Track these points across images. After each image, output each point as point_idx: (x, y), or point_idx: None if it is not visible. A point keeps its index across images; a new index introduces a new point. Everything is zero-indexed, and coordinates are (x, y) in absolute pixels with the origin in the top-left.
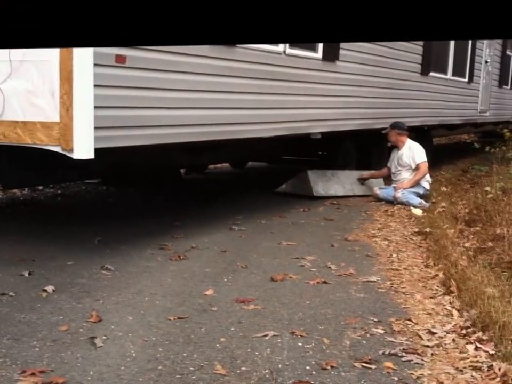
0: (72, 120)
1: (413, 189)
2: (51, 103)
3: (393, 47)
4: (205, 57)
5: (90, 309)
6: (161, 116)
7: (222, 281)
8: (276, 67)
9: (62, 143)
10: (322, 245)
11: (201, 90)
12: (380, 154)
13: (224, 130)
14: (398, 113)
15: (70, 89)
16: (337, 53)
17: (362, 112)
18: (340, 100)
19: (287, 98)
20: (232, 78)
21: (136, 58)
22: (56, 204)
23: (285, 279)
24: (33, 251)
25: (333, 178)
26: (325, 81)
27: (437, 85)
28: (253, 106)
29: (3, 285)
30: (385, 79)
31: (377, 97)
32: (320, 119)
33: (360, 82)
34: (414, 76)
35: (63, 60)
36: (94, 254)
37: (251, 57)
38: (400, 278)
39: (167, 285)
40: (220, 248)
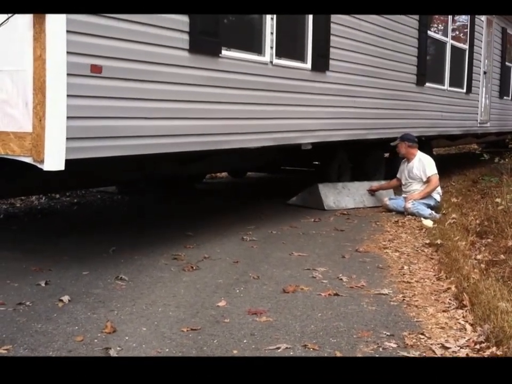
0: (45, 131)
1: (423, 200)
2: (25, 113)
3: (386, 57)
4: (185, 67)
5: (105, 319)
6: (139, 126)
7: (234, 293)
8: (262, 77)
9: (33, 154)
10: (333, 256)
11: (182, 101)
12: (376, 165)
13: (206, 140)
14: (393, 124)
15: (43, 99)
16: (327, 63)
17: (355, 123)
18: (330, 110)
19: (275, 109)
20: (215, 88)
21: (113, 68)
22: (72, 212)
23: (296, 291)
24: (50, 260)
25: (343, 190)
26: (315, 92)
27: (433, 96)
28: (237, 117)
29: (20, 294)
30: (378, 90)
31: (371, 108)
32: (310, 129)
33: (351, 93)
34: (409, 87)
35: (36, 69)
36: (108, 263)
37: (235, 67)
38: (412, 290)
39: (180, 295)
40: (231, 258)
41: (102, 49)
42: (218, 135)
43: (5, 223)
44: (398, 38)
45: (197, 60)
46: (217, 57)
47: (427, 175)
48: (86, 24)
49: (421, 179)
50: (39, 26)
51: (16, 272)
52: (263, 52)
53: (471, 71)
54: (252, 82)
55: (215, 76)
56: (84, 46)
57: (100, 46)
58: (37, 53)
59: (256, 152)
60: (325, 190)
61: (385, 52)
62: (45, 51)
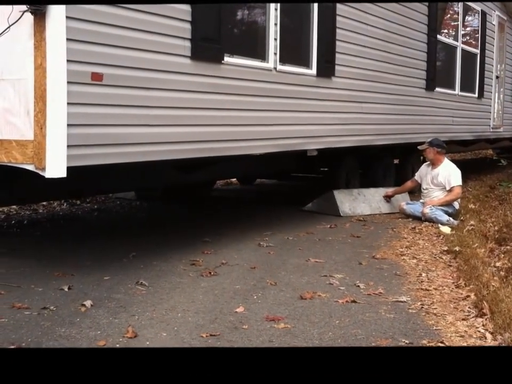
0: (46, 138)
1: (442, 207)
2: (26, 121)
3: (394, 63)
4: (188, 74)
5: (126, 324)
6: (141, 133)
7: (252, 299)
8: (266, 83)
9: (35, 161)
10: (350, 263)
11: (184, 108)
12: (385, 171)
13: (210, 147)
14: (402, 129)
15: (44, 107)
16: (333, 69)
17: (362, 129)
18: (336, 116)
19: (279, 115)
20: (218, 94)
21: (114, 75)
22: (92, 218)
23: (314, 298)
24: (72, 265)
25: (359, 197)
26: (320, 98)
27: (444, 101)
28: (241, 123)
29: (44, 299)
30: (386, 95)
31: (379, 113)
32: (316, 135)
33: (358, 98)
34: (418, 92)
35: (37, 78)
36: (129, 269)
37: (238, 73)
38: (431, 298)
39: (199, 301)
40: (249, 264)
41: (103, 56)
42: (221, 142)
43: (29, 229)
44: (406, 42)
45: (199, 67)
46: (220, 64)
47: (451, 184)
48: (86, 32)
49: (444, 187)
50: (40, 35)
51: (40, 277)
52: (266, 58)
53: (482, 75)
54: (255, 88)
55: (217, 83)
56: (85, 53)
57: (101, 54)
58: (38, 62)
59: (261, 158)
60: (340, 197)
61: (393, 57)
62: (45, 59)
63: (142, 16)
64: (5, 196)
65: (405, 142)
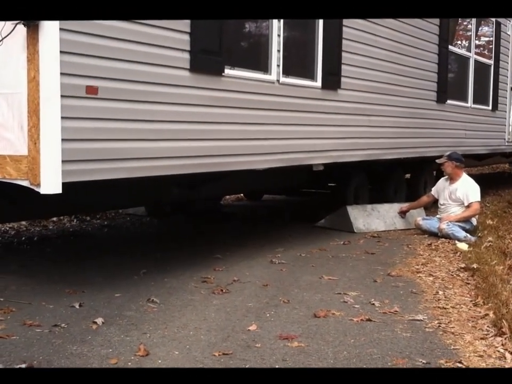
0: (40, 154)
1: (459, 223)
2: (20, 136)
3: (404, 74)
4: (187, 87)
5: (138, 342)
6: (138, 148)
7: (264, 317)
8: (269, 96)
9: (30, 177)
10: (365, 280)
11: (184, 121)
12: (396, 186)
13: (211, 162)
14: (413, 143)
15: (37, 121)
16: (339, 81)
17: (371, 142)
18: (343, 130)
19: (283, 129)
20: (219, 108)
21: (110, 89)
22: (103, 235)
23: (328, 316)
24: (83, 282)
25: (373, 213)
26: (326, 111)
27: (456, 113)
28: (243, 137)
29: (56, 316)
30: (396, 108)
31: (388, 127)
32: (322, 149)
33: (366, 111)
34: (429, 104)
35: (31, 91)
36: (139, 286)
37: (239, 86)
38: (448, 317)
39: (211, 319)
40: (261, 282)
41: (98, 69)
42: (222, 157)
43: (40, 245)
44: (417, 53)
45: (199, 80)
46: (220, 76)
47: (470, 200)
48: (81, 44)
49: (462, 203)
50: (33, 47)
51: (51, 294)
52: (269, 70)
53: (497, 87)
54: (257, 101)
55: (218, 96)
56: (79, 66)
57: (96, 67)
58: (31, 75)
59: (266, 173)
60: (354, 213)
61: (402, 68)
62: (39, 73)
63: (139, 27)
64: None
65: (416, 156)
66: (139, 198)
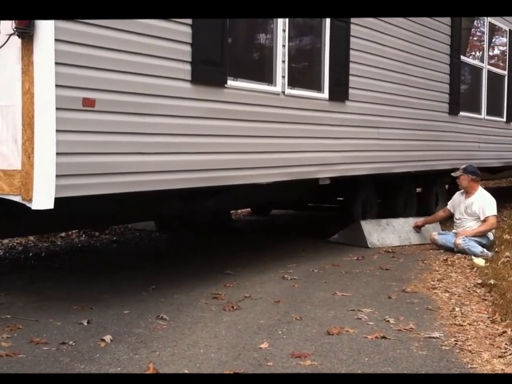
0: (33, 168)
1: (475, 237)
2: (14, 150)
3: (414, 85)
4: (188, 99)
5: (147, 360)
6: (137, 162)
7: (276, 334)
8: (274, 108)
9: (22, 192)
10: (379, 297)
11: (185, 134)
12: (407, 200)
13: (214, 176)
14: (424, 156)
15: (32, 135)
16: (347, 93)
17: (380, 155)
18: (351, 143)
19: (288, 141)
20: (222, 120)
21: (108, 101)
22: (111, 250)
23: (341, 333)
24: (91, 299)
25: (387, 227)
26: (333, 123)
27: (469, 125)
28: (247, 150)
29: (63, 334)
30: (406, 120)
31: (398, 139)
32: (328, 163)
33: (375, 123)
34: (440, 116)
35: (25, 104)
36: (148, 302)
37: (243, 98)
38: (465, 334)
39: (221, 336)
40: (273, 298)
41: (95, 81)
42: (225, 170)
43: (47, 261)
44: (427, 64)
45: (200, 91)
46: (223, 88)
47: (486, 214)
48: (77, 55)
49: (478, 217)
50: (27, 58)
51: (59, 311)
52: (274, 82)
53: (511, 98)
54: (261, 113)
55: (220, 108)
56: (75, 78)
57: (93, 78)
58: (26, 87)
59: (271, 187)
60: (368, 227)
61: (413, 79)
62: (33, 84)
63: (138, 38)
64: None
65: (427, 170)
66: (140, 212)
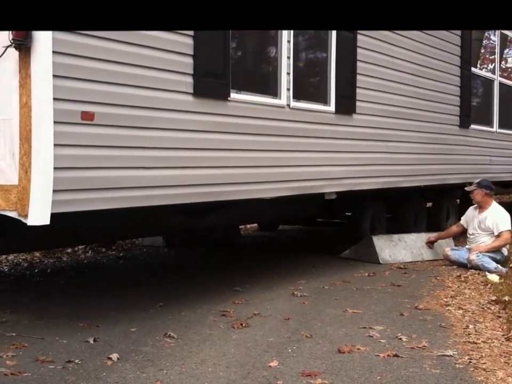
0: (30, 183)
1: (489, 253)
2: (12, 164)
3: (424, 98)
4: (190, 112)
5: (155, 379)
6: (138, 176)
7: (286, 352)
8: (279, 121)
9: (18, 208)
10: (391, 314)
11: (186, 148)
12: (416, 215)
13: (216, 191)
14: (434, 170)
15: (29, 149)
16: (354, 105)
17: (388, 169)
18: (358, 156)
19: (293, 155)
20: (225, 134)
21: (107, 114)
22: (118, 266)
23: (352, 351)
24: (97, 316)
25: (399, 243)
26: (339, 136)
27: (480, 139)
28: (251, 165)
29: (69, 352)
30: (415, 133)
31: (407, 153)
32: (335, 177)
33: (383, 137)
34: (451, 129)
35: (22, 117)
36: (156, 319)
37: (246, 111)
38: (479, 352)
39: (230, 354)
40: (282, 315)
41: (94, 94)
42: (228, 185)
43: (53, 278)
44: (437, 76)
45: (203, 104)
46: (226, 101)
47: (499, 229)
48: (75, 67)
49: (492, 232)
50: (25, 71)
51: (65, 329)
52: (278, 94)
53: None
54: (266, 127)
55: (223, 121)
56: (74, 91)
57: (92, 91)
58: (23, 100)
59: (276, 202)
60: (380, 243)
61: (422, 92)
62: (31, 98)
63: (138, 50)
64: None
65: (437, 184)
66: (144, 227)
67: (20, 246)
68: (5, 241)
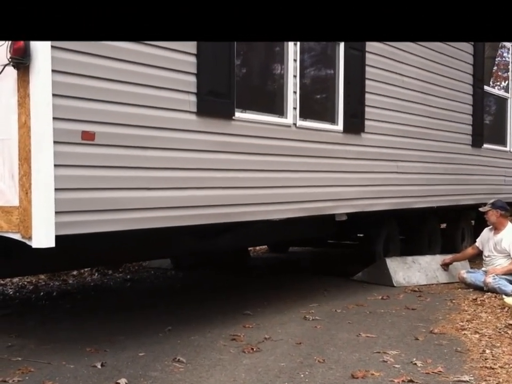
0: (31, 204)
1: (506, 276)
2: (11, 185)
3: (435, 117)
4: (193, 131)
5: None
6: (139, 198)
7: (298, 377)
8: (285, 141)
9: (21, 229)
10: (405, 338)
11: (190, 169)
12: (431, 237)
13: (221, 212)
14: (446, 190)
15: (29, 170)
16: (362, 124)
17: (399, 190)
18: (367, 177)
19: (301, 176)
20: (229, 154)
21: (108, 134)
22: (125, 289)
23: (366, 376)
24: (105, 340)
25: (414, 265)
26: (348, 156)
27: (493, 158)
28: (257, 185)
29: (76, 377)
30: (427, 153)
31: (418, 173)
32: (345, 198)
33: (393, 157)
34: (463, 149)
35: (22, 137)
36: (165, 344)
37: (252, 130)
38: (496, 377)
39: (241, 380)
40: (294, 339)
41: (95, 113)
42: (234, 206)
43: (59, 301)
44: (448, 94)
45: (206, 124)
46: (230, 120)
47: None
48: (76, 86)
49: (509, 254)
50: (24, 90)
51: (72, 353)
52: (285, 113)
53: None
54: (272, 147)
55: (228, 141)
56: (74, 110)
57: (92, 111)
58: (22, 120)
59: (285, 224)
60: (393, 265)
61: (433, 111)
62: (30, 117)
63: (139, 68)
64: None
65: (450, 205)
66: (151, 250)
67: (24, 269)
68: (10, 264)
